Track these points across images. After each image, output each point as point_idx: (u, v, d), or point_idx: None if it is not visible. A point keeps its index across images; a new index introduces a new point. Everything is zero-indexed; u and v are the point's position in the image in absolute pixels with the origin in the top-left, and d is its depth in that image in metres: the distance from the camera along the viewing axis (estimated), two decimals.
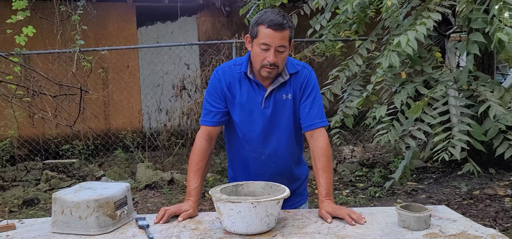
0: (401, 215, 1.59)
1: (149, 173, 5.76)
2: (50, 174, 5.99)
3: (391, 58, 2.46)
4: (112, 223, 1.63)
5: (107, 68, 7.48)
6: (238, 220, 1.52)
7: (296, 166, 2.00)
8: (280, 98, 1.86)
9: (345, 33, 5.25)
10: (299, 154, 2.02)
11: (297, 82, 1.88)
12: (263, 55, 1.75)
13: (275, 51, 1.74)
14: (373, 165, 6.03)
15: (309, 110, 1.87)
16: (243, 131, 1.90)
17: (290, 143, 1.92)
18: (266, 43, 1.74)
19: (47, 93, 5.12)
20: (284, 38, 1.75)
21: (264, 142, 1.89)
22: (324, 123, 1.89)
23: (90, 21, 5.94)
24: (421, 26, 2.39)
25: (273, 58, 1.74)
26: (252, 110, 1.86)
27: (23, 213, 4.81)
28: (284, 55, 1.79)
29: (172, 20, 8.20)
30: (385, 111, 2.65)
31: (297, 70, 1.89)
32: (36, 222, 1.78)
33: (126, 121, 7.90)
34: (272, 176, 1.88)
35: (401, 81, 2.84)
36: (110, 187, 1.73)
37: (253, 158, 1.92)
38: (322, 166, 1.81)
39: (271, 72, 1.78)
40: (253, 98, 1.86)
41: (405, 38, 2.38)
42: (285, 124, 1.88)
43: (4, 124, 6.32)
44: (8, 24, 4.97)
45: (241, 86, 1.87)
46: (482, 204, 4.45)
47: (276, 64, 1.76)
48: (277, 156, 1.91)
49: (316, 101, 1.89)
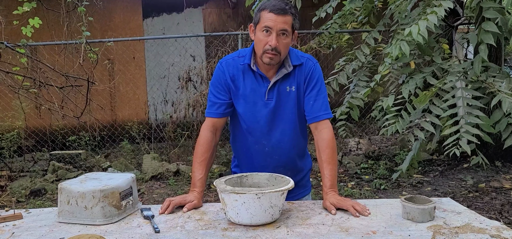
0: (406, 207, 1.59)
1: (155, 164, 5.80)
2: (57, 165, 6.04)
3: (401, 47, 2.44)
4: (117, 213, 1.64)
5: (113, 59, 7.51)
6: (243, 211, 1.52)
7: (300, 158, 2.00)
8: (284, 90, 1.86)
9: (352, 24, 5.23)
10: (303, 146, 2.02)
11: (301, 74, 1.87)
12: (265, 40, 1.75)
13: (277, 35, 1.73)
14: (379, 157, 6.02)
15: (314, 102, 1.86)
16: (247, 123, 1.90)
17: (294, 135, 1.92)
18: (268, 26, 1.73)
19: (54, 84, 5.15)
20: (286, 23, 1.74)
21: (267, 134, 1.89)
22: (329, 114, 1.88)
23: (96, 13, 5.96)
24: (432, 15, 2.36)
25: (275, 42, 1.73)
26: (255, 102, 1.86)
27: (31, 203, 4.86)
28: (286, 42, 1.77)
29: (178, 11, 8.19)
30: (392, 101, 2.63)
31: (301, 62, 1.88)
32: (42, 211, 1.80)
33: (132, 112, 7.93)
34: (275, 167, 1.89)
35: (409, 71, 2.82)
36: (115, 178, 1.74)
37: (256, 149, 1.92)
38: (327, 158, 1.81)
39: (273, 58, 1.76)
40: (256, 90, 1.86)
41: (416, 27, 2.35)
42: (288, 115, 1.88)
43: (12, 115, 6.37)
44: (14, 16, 4.99)
45: (244, 78, 1.87)
46: (488, 196, 4.43)
47: (278, 50, 1.75)
48: (281, 147, 1.90)
49: (320, 94, 1.88)
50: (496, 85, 2.38)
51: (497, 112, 2.35)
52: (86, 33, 5.11)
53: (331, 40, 5.95)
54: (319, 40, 5.90)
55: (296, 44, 6.24)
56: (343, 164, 5.87)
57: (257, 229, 1.52)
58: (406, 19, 3.02)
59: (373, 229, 1.49)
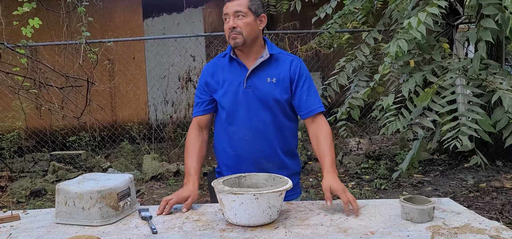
0: (405, 207, 1.58)
1: (155, 165, 5.79)
2: (57, 165, 6.04)
3: (399, 43, 2.43)
4: (115, 214, 1.64)
5: (113, 60, 7.51)
6: (240, 211, 1.52)
7: (286, 154, 1.99)
8: (264, 80, 1.92)
9: (353, 24, 5.22)
10: (289, 142, 2.00)
11: (285, 69, 1.94)
12: (227, 26, 1.89)
13: (233, 18, 1.87)
14: (379, 157, 6.01)
15: (307, 97, 1.94)
16: (227, 110, 1.94)
17: (275, 126, 1.94)
18: (225, 13, 1.90)
19: (54, 85, 5.15)
20: (240, 5, 1.87)
21: (247, 121, 1.92)
22: (323, 107, 1.96)
23: (96, 13, 5.96)
24: (433, 7, 2.34)
25: (232, 23, 1.86)
26: (235, 90, 1.93)
27: (31, 204, 4.86)
28: (245, 22, 1.87)
29: (178, 11, 8.19)
30: (392, 100, 2.62)
31: (279, 53, 1.99)
32: (40, 212, 1.79)
33: (133, 113, 7.93)
34: (258, 159, 1.93)
35: (409, 70, 2.80)
36: (113, 178, 1.73)
37: (237, 139, 1.94)
38: (326, 145, 1.86)
39: (236, 37, 1.87)
40: (236, 78, 1.94)
41: (415, 19, 2.34)
42: (269, 106, 1.91)
43: (12, 116, 6.37)
44: (14, 16, 4.99)
45: (226, 70, 1.97)
46: (489, 196, 4.41)
47: (238, 30, 1.86)
48: (261, 137, 1.92)
49: (312, 89, 1.96)
50: (496, 82, 2.37)
51: (497, 111, 2.34)
52: (86, 33, 5.11)
53: (331, 40, 5.95)
54: (319, 40, 5.90)
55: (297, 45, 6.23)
56: (343, 164, 5.86)
57: (255, 229, 1.51)
58: (405, 18, 3.01)
59: (371, 230, 1.48)
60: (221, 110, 1.99)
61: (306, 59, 6.72)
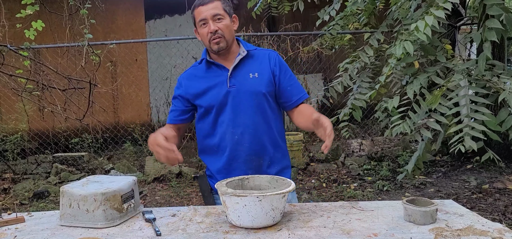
0: (407, 209, 1.58)
1: (157, 166, 5.80)
2: (60, 167, 6.06)
3: (404, 46, 2.43)
4: (119, 216, 1.65)
5: (116, 61, 7.52)
6: (244, 213, 1.52)
7: (275, 149, 1.99)
8: (247, 77, 1.93)
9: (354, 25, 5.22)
10: (275, 135, 2.00)
11: (265, 63, 1.96)
12: (206, 31, 1.88)
13: (213, 21, 1.86)
14: (382, 158, 6.01)
15: (291, 87, 1.98)
16: (214, 113, 1.93)
17: (263, 121, 1.94)
18: (202, 18, 1.88)
19: (57, 87, 5.17)
20: (216, 8, 1.87)
21: (235, 120, 1.91)
22: (306, 94, 2.02)
23: (98, 15, 5.98)
24: (438, 10, 2.34)
25: (213, 27, 1.86)
26: (219, 92, 1.92)
27: (34, 206, 4.88)
28: (225, 24, 1.88)
29: (180, 13, 8.21)
30: (397, 102, 2.62)
31: (255, 49, 2.00)
32: (44, 215, 1.80)
33: (135, 114, 7.95)
34: (249, 156, 1.92)
35: (413, 71, 2.80)
36: (117, 181, 1.74)
37: (227, 139, 1.93)
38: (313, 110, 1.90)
39: (220, 41, 1.88)
40: (218, 80, 1.93)
41: (422, 23, 2.34)
42: (255, 100, 1.91)
43: (15, 118, 6.39)
44: (17, 19, 5.01)
45: (205, 75, 1.96)
46: (491, 198, 4.41)
47: (220, 33, 1.86)
48: (250, 133, 1.92)
49: (293, 78, 2.01)
50: (501, 83, 2.37)
51: (503, 111, 2.34)
52: (88, 35, 5.13)
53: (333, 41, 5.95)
54: (321, 41, 5.90)
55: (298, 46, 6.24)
56: (345, 165, 5.87)
57: (258, 232, 1.52)
58: (408, 19, 3.01)
59: (374, 232, 1.49)
60: (205, 116, 1.97)
61: (308, 60, 6.73)
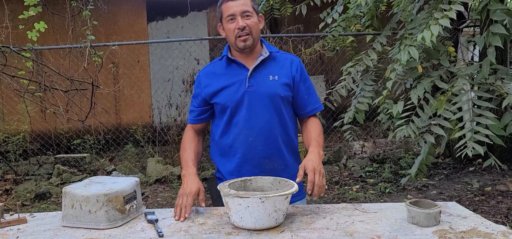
0: (411, 211, 1.58)
1: (159, 168, 5.80)
2: (62, 168, 6.06)
3: (410, 52, 2.42)
4: (121, 217, 1.64)
5: (118, 63, 7.53)
6: (246, 215, 1.52)
7: (290, 153, 1.97)
8: (266, 78, 1.90)
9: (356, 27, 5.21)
10: (292, 141, 1.99)
11: (286, 68, 1.94)
12: (233, 27, 1.85)
13: (241, 18, 1.84)
14: (384, 160, 5.99)
15: (308, 96, 1.97)
16: (229, 112, 1.90)
17: (279, 124, 1.91)
18: (230, 14, 1.84)
19: (59, 88, 5.17)
20: (245, 4, 1.84)
21: (250, 121, 1.88)
22: (321, 106, 2.02)
23: (100, 16, 5.99)
24: (443, 19, 2.34)
25: (242, 23, 1.83)
26: (237, 90, 1.89)
27: (35, 207, 4.88)
28: (253, 21, 1.86)
29: (182, 15, 8.22)
30: (402, 107, 2.60)
31: (277, 52, 1.98)
32: (46, 215, 1.80)
33: (137, 116, 7.95)
34: (261, 159, 1.89)
35: (416, 75, 2.79)
36: (119, 182, 1.74)
37: (240, 140, 1.90)
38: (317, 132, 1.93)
39: (246, 39, 1.85)
40: (237, 79, 1.90)
41: (428, 33, 2.33)
42: (273, 103, 1.89)
43: (17, 119, 6.40)
44: (20, 20, 5.02)
45: (224, 73, 1.94)
46: (494, 200, 4.39)
47: (247, 30, 1.84)
48: (264, 136, 1.89)
49: (311, 88, 1.99)
50: (505, 87, 2.36)
51: (507, 115, 2.33)
52: (90, 37, 5.13)
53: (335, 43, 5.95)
54: (323, 43, 5.90)
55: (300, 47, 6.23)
56: (347, 167, 5.85)
57: (261, 233, 1.51)
58: (412, 23, 3.00)
59: (378, 234, 1.48)
60: (221, 115, 1.94)
61: (310, 62, 6.72)
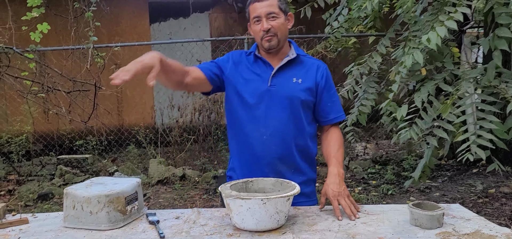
0: (413, 213, 1.57)
1: (161, 169, 5.80)
2: (64, 169, 6.07)
3: (414, 56, 2.41)
4: (122, 218, 1.64)
5: (120, 64, 7.53)
6: (248, 216, 1.51)
7: (302, 158, 1.94)
8: (289, 80, 1.89)
9: (359, 28, 5.19)
10: (306, 145, 1.95)
11: (311, 73, 1.92)
12: (259, 28, 1.86)
13: (267, 19, 1.85)
14: (386, 162, 5.98)
15: (332, 104, 1.95)
16: (249, 107, 1.90)
17: (294, 128, 1.89)
18: (256, 15, 1.86)
19: (61, 89, 5.18)
20: (271, 5, 1.84)
21: (266, 120, 1.87)
22: (344, 115, 2.00)
23: (103, 18, 5.99)
24: (449, 21, 2.32)
25: (266, 25, 1.84)
26: (258, 87, 1.89)
27: (38, 207, 4.88)
28: (279, 22, 1.86)
29: (184, 16, 8.22)
30: (406, 111, 2.58)
31: (305, 55, 1.98)
32: (48, 216, 1.80)
33: (139, 117, 7.95)
34: (273, 160, 1.87)
35: (420, 78, 2.76)
36: (120, 182, 1.74)
37: (255, 137, 1.89)
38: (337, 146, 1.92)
39: (271, 39, 1.86)
40: (260, 76, 1.91)
41: (434, 34, 2.31)
42: (292, 105, 1.87)
43: (20, 120, 6.41)
44: (23, 21, 5.04)
45: (250, 66, 1.94)
46: (498, 202, 4.37)
47: (273, 32, 1.84)
48: (278, 136, 1.87)
49: (335, 96, 1.99)
50: (509, 91, 2.34)
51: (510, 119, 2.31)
52: (93, 38, 5.14)
53: (338, 44, 5.93)
54: (325, 44, 5.89)
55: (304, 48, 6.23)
56: (350, 169, 5.84)
57: (262, 235, 1.51)
58: (416, 25, 2.97)
59: (380, 236, 1.47)
60: (240, 106, 1.92)
61: None
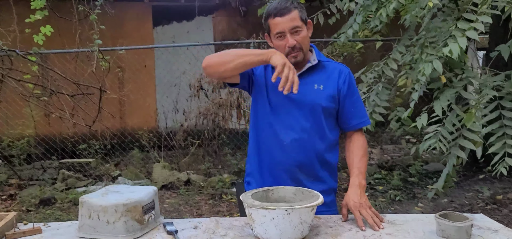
0: (441, 224, 1.52)
1: (165, 173, 5.74)
2: (67, 173, 6.01)
3: (433, 64, 2.37)
4: (140, 228, 1.59)
5: (124, 67, 7.48)
6: (271, 227, 1.46)
7: (322, 166, 1.89)
8: (311, 87, 1.85)
9: (364, 32, 5.16)
10: (327, 153, 1.90)
11: (333, 78, 1.87)
12: (283, 44, 1.79)
13: (291, 34, 1.78)
14: (392, 167, 5.93)
15: (355, 110, 1.90)
16: (270, 112, 1.86)
17: (316, 135, 1.85)
18: (279, 31, 1.79)
19: (65, 92, 5.13)
20: (294, 19, 1.78)
21: (287, 126, 1.84)
22: (368, 121, 1.94)
23: (106, 21, 5.93)
24: (470, 31, 2.29)
25: (291, 41, 1.78)
26: (280, 94, 1.80)
27: (40, 213, 4.82)
28: (303, 35, 1.80)
29: (188, 19, 8.18)
30: (426, 120, 2.55)
31: (327, 61, 1.93)
32: (61, 225, 1.75)
33: (142, 120, 7.90)
34: (292, 167, 1.83)
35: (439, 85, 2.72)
36: (137, 191, 1.69)
37: (274, 143, 1.86)
38: (360, 155, 1.85)
39: (297, 56, 1.81)
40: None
41: (456, 45, 2.28)
42: (313, 113, 1.83)
43: (22, 123, 6.35)
44: (26, 24, 4.99)
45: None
46: (506, 209, 4.33)
47: (297, 47, 1.79)
48: (298, 143, 1.83)
49: (358, 101, 1.92)
50: None
51: None
52: (98, 41, 5.10)
53: (343, 49, 5.90)
54: (331, 49, 5.86)
55: None
56: None
57: None
58: (432, 32, 2.93)
59: None
60: (262, 110, 1.89)
61: None
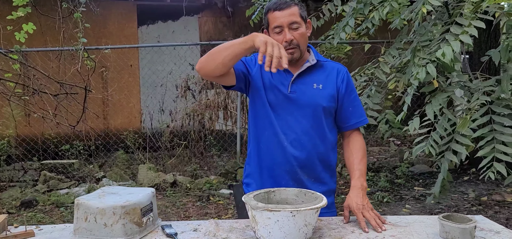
0: (445, 226, 1.51)
1: (151, 175, 5.65)
2: (49, 175, 5.85)
3: (427, 68, 2.38)
4: (138, 230, 1.54)
5: (109, 67, 7.35)
6: (275, 229, 1.43)
7: (324, 167, 1.88)
8: (310, 86, 1.83)
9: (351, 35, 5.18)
10: (327, 153, 1.89)
11: (332, 77, 1.86)
12: (280, 39, 1.77)
13: (289, 30, 1.76)
14: (379, 169, 5.97)
15: (353, 108, 1.88)
16: (269, 113, 1.84)
17: (316, 135, 1.83)
18: (277, 25, 1.77)
19: (48, 92, 5.00)
20: (293, 14, 1.76)
21: (287, 127, 1.82)
22: (366, 119, 1.92)
23: (90, 19, 5.81)
24: (464, 35, 2.31)
25: (289, 36, 1.76)
26: (278, 94, 1.83)
27: (22, 215, 4.68)
28: (301, 32, 1.78)
29: (173, 19, 8.10)
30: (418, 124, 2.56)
31: (325, 61, 1.91)
32: (55, 228, 1.68)
33: (125, 121, 7.77)
34: (293, 167, 1.82)
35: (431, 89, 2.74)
36: (135, 192, 1.63)
37: (274, 144, 1.84)
38: (360, 157, 1.83)
39: (293, 52, 1.78)
40: (280, 82, 1.84)
41: (449, 49, 2.29)
42: (313, 112, 1.82)
43: (2, 123, 6.17)
44: (8, 21, 4.86)
45: (270, 73, 1.85)
46: (491, 210, 4.40)
47: (295, 43, 1.77)
48: (299, 144, 1.82)
49: (356, 100, 1.91)
50: None
51: None
52: (82, 39, 4.99)
53: (331, 51, 5.91)
54: (319, 51, 5.87)
55: None
56: (343, 175, 5.81)
57: None
58: (424, 36, 2.94)
59: None
60: (261, 111, 1.86)
61: None
